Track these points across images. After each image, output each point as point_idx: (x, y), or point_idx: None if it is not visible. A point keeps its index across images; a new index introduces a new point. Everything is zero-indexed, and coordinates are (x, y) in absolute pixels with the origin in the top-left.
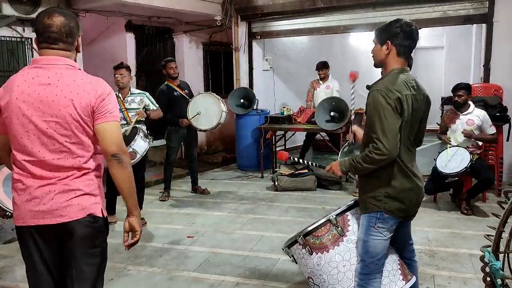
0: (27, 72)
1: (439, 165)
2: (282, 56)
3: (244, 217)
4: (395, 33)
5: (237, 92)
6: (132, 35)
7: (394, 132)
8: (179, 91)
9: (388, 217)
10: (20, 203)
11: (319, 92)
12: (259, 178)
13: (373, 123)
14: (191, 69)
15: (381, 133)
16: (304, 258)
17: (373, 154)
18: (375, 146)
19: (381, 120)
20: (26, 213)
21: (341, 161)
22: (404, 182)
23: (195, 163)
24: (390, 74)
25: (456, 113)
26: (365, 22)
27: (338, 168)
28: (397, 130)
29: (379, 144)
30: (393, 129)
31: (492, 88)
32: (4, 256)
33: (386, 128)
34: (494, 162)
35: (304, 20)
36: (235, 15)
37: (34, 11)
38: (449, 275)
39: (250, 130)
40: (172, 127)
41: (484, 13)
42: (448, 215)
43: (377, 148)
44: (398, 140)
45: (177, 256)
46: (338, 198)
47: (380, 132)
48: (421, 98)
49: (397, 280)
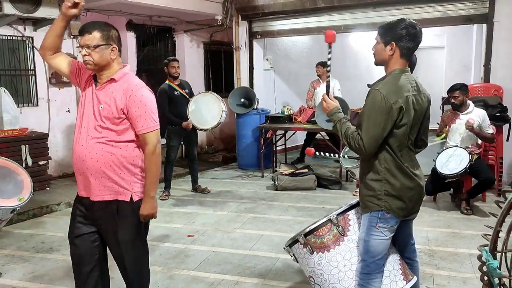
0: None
1: (439, 166)
2: (283, 55)
3: (244, 216)
4: (401, 35)
5: (238, 91)
6: (133, 34)
7: (377, 137)
8: (180, 90)
9: (389, 216)
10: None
11: (320, 92)
12: (259, 177)
13: (363, 121)
14: (191, 68)
15: (365, 134)
16: (305, 257)
17: (352, 142)
18: (358, 140)
19: (370, 121)
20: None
21: (335, 108)
22: (404, 181)
23: (196, 162)
24: (392, 75)
25: (456, 113)
26: (366, 22)
27: (327, 110)
28: (382, 135)
29: (360, 142)
30: (377, 134)
31: (492, 88)
32: (6, 254)
33: (371, 131)
34: (494, 162)
35: (304, 20)
36: (236, 15)
37: (35, 10)
38: (449, 275)
39: (251, 129)
40: (172, 126)
41: (484, 13)
42: (447, 215)
43: (358, 143)
44: (377, 145)
45: (177, 254)
46: (338, 197)
47: (365, 132)
48: (422, 99)
49: (398, 280)
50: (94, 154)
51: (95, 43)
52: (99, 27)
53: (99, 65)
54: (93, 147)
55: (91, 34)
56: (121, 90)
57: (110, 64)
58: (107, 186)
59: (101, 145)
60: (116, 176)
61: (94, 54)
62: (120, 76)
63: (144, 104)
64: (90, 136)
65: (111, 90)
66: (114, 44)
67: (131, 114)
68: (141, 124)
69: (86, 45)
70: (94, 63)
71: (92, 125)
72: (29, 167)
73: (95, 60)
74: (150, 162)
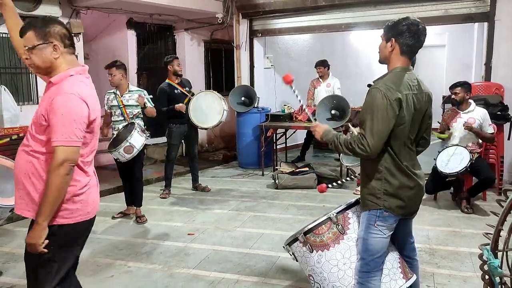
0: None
1: (439, 165)
2: (283, 54)
3: (244, 215)
4: (401, 31)
5: (238, 90)
6: (134, 32)
7: (381, 135)
8: (180, 89)
9: (388, 215)
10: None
11: (320, 91)
12: (260, 176)
13: (365, 120)
14: (192, 66)
15: (369, 133)
16: (305, 256)
17: (356, 146)
18: (361, 141)
19: (373, 120)
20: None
21: (326, 130)
22: (403, 180)
23: (196, 160)
24: (392, 73)
25: (457, 112)
26: (367, 20)
27: (320, 134)
28: (386, 132)
29: (364, 141)
30: (381, 132)
31: (493, 87)
32: (6, 252)
33: (375, 129)
34: (494, 161)
35: (305, 18)
36: (237, 13)
37: (35, 8)
38: (449, 274)
39: (251, 128)
40: (172, 124)
41: (485, 11)
42: (448, 214)
43: (362, 144)
44: (383, 143)
45: (178, 253)
46: (338, 196)
47: (368, 131)
48: (423, 97)
49: (398, 278)
50: (17, 163)
51: (30, 44)
52: (34, 26)
53: (41, 68)
54: (19, 155)
55: (26, 34)
56: (50, 95)
57: (55, 65)
58: (24, 200)
59: (25, 155)
60: (34, 191)
61: (33, 57)
62: (59, 78)
63: (66, 113)
64: (21, 143)
65: (47, 95)
66: (55, 41)
67: (49, 122)
68: (55, 135)
69: (25, 48)
70: (35, 65)
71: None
72: None
73: (35, 62)
74: (49, 178)
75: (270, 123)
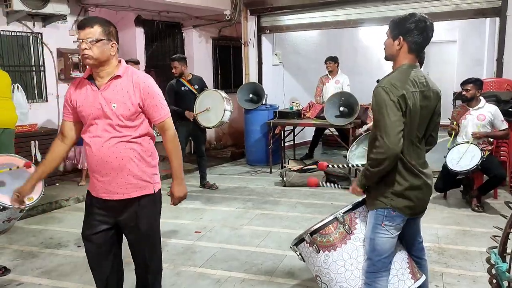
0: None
1: (449, 163)
2: (292, 50)
3: (252, 213)
4: (409, 29)
5: (246, 86)
6: (142, 29)
7: (396, 130)
8: (188, 86)
9: (395, 214)
10: None
11: (329, 87)
12: (268, 173)
13: (378, 120)
14: (200, 63)
15: (383, 131)
16: (312, 256)
17: (375, 154)
18: (376, 145)
19: (384, 117)
20: None
21: (357, 180)
22: (410, 180)
23: (204, 158)
24: (399, 70)
25: (467, 109)
26: (376, 16)
27: (357, 187)
28: (400, 127)
29: (380, 141)
30: (395, 126)
31: (505, 83)
32: (15, 250)
33: (388, 125)
34: (506, 159)
35: (314, 14)
36: (245, 10)
37: (44, 6)
38: (459, 273)
39: (259, 125)
40: (179, 121)
41: (497, 6)
42: (458, 212)
43: (378, 146)
44: (401, 137)
45: (184, 251)
46: (346, 194)
47: (382, 130)
48: (430, 95)
49: (406, 279)
50: (118, 153)
51: (96, 37)
52: (100, 22)
53: (98, 60)
54: (116, 146)
55: (93, 28)
56: (130, 84)
57: (109, 60)
58: (132, 183)
59: (123, 143)
60: (140, 171)
61: (94, 49)
62: (123, 71)
63: (156, 93)
64: (108, 137)
65: (120, 87)
66: (113, 40)
67: (146, 106)
68: (158, 113)
69: (87, 39)
70: (94, 57)
71: (107, 126)
72: (39, 163)
73: (95, 54)
74: (174, 146)
75: (278, 120)
